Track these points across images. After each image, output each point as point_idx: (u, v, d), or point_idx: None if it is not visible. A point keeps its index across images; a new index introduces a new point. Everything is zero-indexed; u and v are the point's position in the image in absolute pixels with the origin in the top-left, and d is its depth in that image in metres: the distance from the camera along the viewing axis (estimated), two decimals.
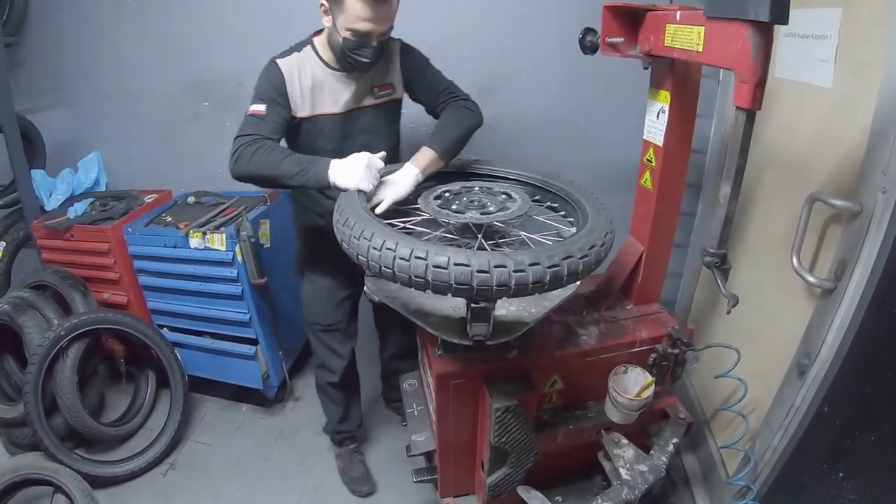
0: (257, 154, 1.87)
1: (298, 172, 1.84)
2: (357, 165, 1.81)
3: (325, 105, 2.12)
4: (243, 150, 1.89)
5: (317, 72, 2.08)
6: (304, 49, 2.10)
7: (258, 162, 1.87)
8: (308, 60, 2.08)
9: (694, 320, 2.85)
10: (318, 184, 1.85)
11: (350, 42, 1.91)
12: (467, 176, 2.11)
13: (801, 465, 1.83)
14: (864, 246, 1.56)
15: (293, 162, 1.86)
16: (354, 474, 2.78)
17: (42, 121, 3.38)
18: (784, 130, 2.07)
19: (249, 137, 1.92)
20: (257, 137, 1.92)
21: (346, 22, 1.87)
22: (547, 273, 1.35)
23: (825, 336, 1.71)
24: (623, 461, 1.93)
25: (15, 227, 3.32)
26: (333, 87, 2.11)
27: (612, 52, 1.85)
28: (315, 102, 2.10)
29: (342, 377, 2.64)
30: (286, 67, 2.04)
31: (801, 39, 1.86)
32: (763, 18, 1.15)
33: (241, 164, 1.89)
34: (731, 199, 1.40)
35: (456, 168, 2.13)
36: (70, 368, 2.75)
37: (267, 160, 1.86)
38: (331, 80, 2.10)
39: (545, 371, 1.94)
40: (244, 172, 1.90)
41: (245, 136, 1.93)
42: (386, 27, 1.93)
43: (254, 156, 1.87)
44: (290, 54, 2.08)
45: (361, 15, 1.84)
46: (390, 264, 1.40)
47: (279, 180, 1.88)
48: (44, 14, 3.21)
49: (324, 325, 2.53)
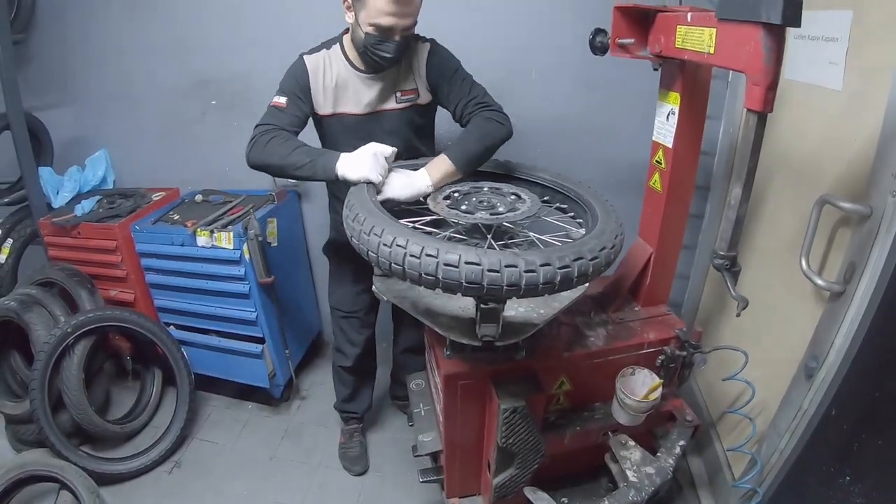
0: (271, 143, 1.91)
1: (307, 164, 1.86)
2: (363, 156, 1.82)
3: (348, 104, 2.15)
4: (259, 137, 1.94)
5: (342, 70, 2.11)
6: (333, 47, 2.13)
7: (271, 151, 1.91)
8: (335, 58, 2.11)
9: (701, 322, 2.84)
10: (326, 175, 1.87)
11: (372, 37, 1.91)
12: (476, 176, 2.11)
13: (807, 468, 1.82)
14: (874, 249, 1.55)
15: (303, 153, 1.89)
16: (350, 453, 2.87)
17: (49, 118, 3.38)
18: (793, 132, 2.07)
19: (267, 126, 1.97)
20: (273, 127, 1.97)
21: (368, 17, 1.87)
22: (558, 274, 1.35)
23: (833, 339, 1.70)
24: (630, 463, 1.93)
25: (22, 224, 3.32)
26: (357, 87, 2.13)
27: (622, 53, 1.85)
28: (337, 101, 2.13)
29: (354, 363, 2.70)
30: (312, 64, 2.08)
31: (812, 41, 1.86)
32: (775, 21, 1.15)
33: (255, 152, 1.94)
34: (741, 202, 1.39)
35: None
36: (76, 365, 2.76)
37: (279, 150, 1.90)
38: (354, 80, 2.12)
39: (553, 372, 1.94)
40: (257, 160, 1.95)
41: (263, 126, 1.98)
42: (409, 22, 1.92)
43: (267, 144, 1.91)
44: (319, 51, 2.12)
45: (384, 9, 1.84)
46: (400, 261, 1.39)
47: (289, 170, 1.91)
48: (52, 12, 3.21)
49: (344, 312, 2.61)
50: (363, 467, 2.84)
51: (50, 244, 3.19)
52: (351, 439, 2.90)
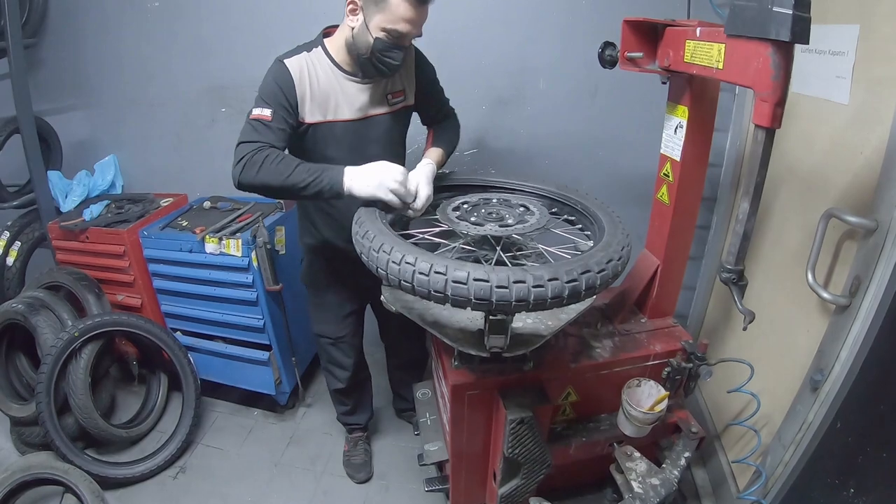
0: (266, 164, 1.76)
1: (312, 182, 1.76)
2: (374, 172, 1.78)
3: (340, 111, 2.03)
4: (250, 158, 1.78)
5: (328, 75, 1.99)
6: (314, 50, 2.00)
7: (267, 171, 1.76)
8: (318, 62, 1.98)
9: (707, 334, 2.85)
10: (332, 193, 1.78)
11: (382, 43, 1.84)
12: (486, 188, 2.12)
13: (812, 480, 1.82)
14: (879, 263, 1.55)
15: (305, 171, 1.77)
16: (355, 461, 2.86)
17: (59, 122, 3.41)
18: (800, 146, 2.07)
19: (255, 145, 1.80)
20: (262, 146, 1.81)
21: (384, 21, 1.80)
22: (566, 288, 1.36)
23: (839, 352, 1.71)
24: (635, 474, 1.94)
25: (30, 227, 3.33)
26: (348, 92, 2.02)
27: (630, 67, 1.86)
28: (327, 107, 2.01)
29: (347, 385, 2.69)
30: (295, 68, 1.93)
31: (818, 55, 1.86)
32: (784, 38, 1.16)
33: (248, 174, 1.78)
34: (749, 216, 1.40)
35: (474, 180, 2.15)
36: (83, 369, 2.77)
37: (277, 170, 1.76)
38: (345, 85, 2.01)
39: (560, 383, 1.95)
40: (250, 182, 1.79)
41: (250, 143, 1.81)
42: (420, 30, 1.88)
43: (262, 165, 1.76)
44: (298, 54, 1.98)
45: (405, 16, 1.79)
46: (410, 279, 1.41)
47: (290, 191, 1.79)
48: (63, 17, 3.24)
49: (332, 339, 2.56)
50: (367, 475, 2.83)
51: (58, 248, 3.21)
52: (355, 447, 2.90)
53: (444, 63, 2.24)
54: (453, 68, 2.26)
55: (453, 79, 2.31)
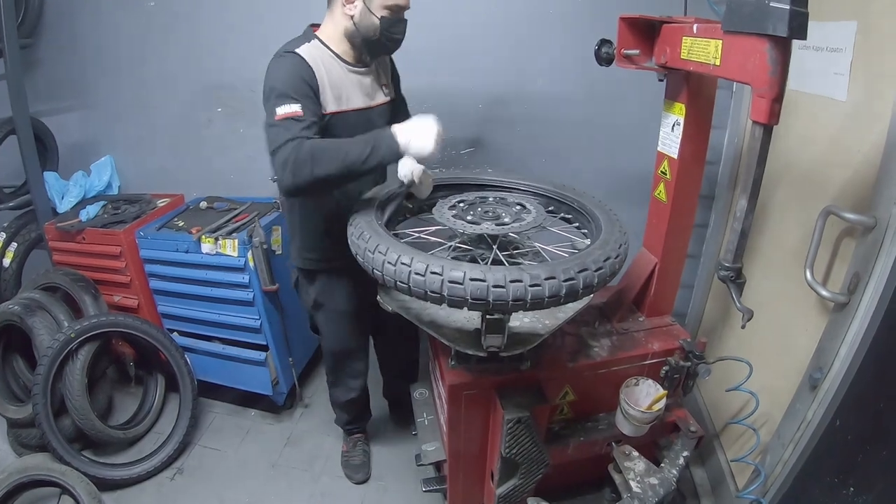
0: (317, 155, 1.67)
1: (370, 153, 1.69)
2: (424, 128, 1.73)
3: (352, 99, 2.03)
4: (294, 158, 1.67)
5: (333, 65, 1.97)
6: (313, 41, 1.97)
7: (322, 163, 1.67)
8: (321, 53, 1.96)
9: (705, 332, 2.84)
10: (392, 156, 1.73)
11: (387, 20, 1.89)
12: (482, 186, 2.11)
13: (811, 479, 1.82)
14: (878, 260, 1.55)
15: (359, 145, 1.71)
16: (353, 461, 2.85)
17: (55, 123, 3.40)
18: (798, 143, 2.07)
19: (295, 143, 1.69)
20: (302, 139, 1.71)
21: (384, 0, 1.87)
22: (563, 287, 1.36)
23: (838, 350, 1.71)
24: (633, 474, 1.93)
25: (27, 228, 3.32)
26: (353, 81, 2.04)
27: (627, 64, 1.86)
28: (340, 96, 1.98)
29: (361, 391, 2.70)
30: (310, 58, 1.88)
31: (816, 52, 1.86)
32: (781, 34, 1.15)
33: (301, 175, 1.67)
34: (747, 213, 1.39)
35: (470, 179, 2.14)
36: (79, 370, 2.76)
37: (330, 157, 1.68)
38: (349, 75, 2.02)
39: (557, 383, 1.94)
40: (308, 181, 1.69)
41: (290, 143, 1.69)
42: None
43: (314, 158, 1.66)
44: (302, 45, 1.92)
45: None
46: (406, 279, 1.40)
47: (349, 173, 1.70)
48: (59, 18, 3.23)
49: (350, 349, 2.55)
50: (365, 476, 2.81)
51: (54, 249, 3.20)
52: (354, 448, 2.88)
53: (442, 62, 2.25)
54: (451, 67, 2.26)
55: (451, 77, 2.31)
